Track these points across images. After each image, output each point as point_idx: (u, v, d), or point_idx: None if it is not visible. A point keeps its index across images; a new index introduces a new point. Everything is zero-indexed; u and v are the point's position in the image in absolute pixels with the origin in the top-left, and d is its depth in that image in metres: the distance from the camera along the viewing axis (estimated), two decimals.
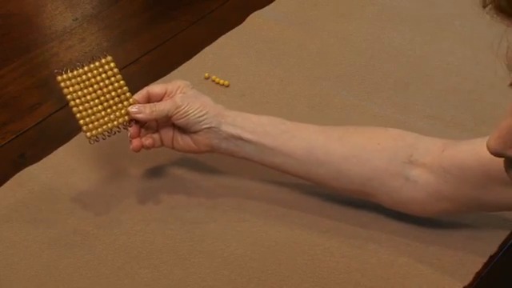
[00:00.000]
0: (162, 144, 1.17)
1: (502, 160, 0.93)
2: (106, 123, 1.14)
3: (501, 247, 1.12)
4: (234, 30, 1.54)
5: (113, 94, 1.15)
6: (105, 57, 1.16)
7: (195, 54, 1.48)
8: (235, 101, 1.37)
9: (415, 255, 1.11)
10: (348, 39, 1.53)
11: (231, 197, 1.20)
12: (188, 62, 1.47)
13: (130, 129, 1.15)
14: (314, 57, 1.49)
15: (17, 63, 1.48)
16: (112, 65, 1.15)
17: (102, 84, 1.14)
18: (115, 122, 1.14)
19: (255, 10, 1.59)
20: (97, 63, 1.15)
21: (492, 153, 0.74)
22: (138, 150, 1.15)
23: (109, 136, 1.14)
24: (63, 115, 1.34)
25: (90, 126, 1.13)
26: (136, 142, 1.15)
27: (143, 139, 1.15)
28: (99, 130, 1.13)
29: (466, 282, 1.07)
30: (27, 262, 1.11)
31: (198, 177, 1.24)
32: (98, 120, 1.13)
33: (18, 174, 1.24)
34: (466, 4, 1.61)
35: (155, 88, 1.16)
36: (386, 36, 1.54)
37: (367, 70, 1.45)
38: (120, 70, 1.16)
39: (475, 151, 1.03)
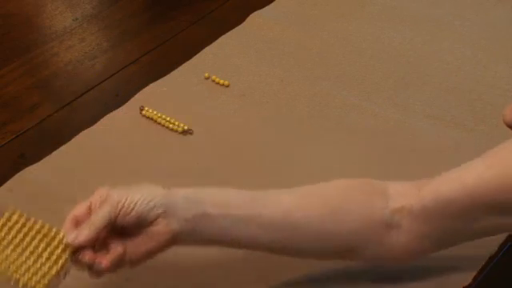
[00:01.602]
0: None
1: (486, 185, 0.93)
2: (49, 269, 0.96)
3: (501, 247, 1.12)
4: (234, 30, 1.54)
5: (38, 238, 0.97)
6: (6, 210, 0.98)
7: (195, 54, 1.48)
8: (235, 101, 1.37)
9: None
10: (348, 39, 1.53)
11: None
12: (188, 62, 1.47)
13: (82, 257, 0.97)
14: (314, 57, 1.48)
15: (17, 63, 1.48)
16: (18, 213, 0.98)
17: (20, 236, 0.97)
18: (60, 262, 0.96)
19: (255, 9, 1.59)
20: (3, 219, 0.98)
21: (509, 125, 0.73)
22: (113, 269, 0.98)
23: (63, 278, 0.97)
24: (63, 115, 1.35)
25: (33, 281, 0.95)
26: (105, 262, 0.97)
27: (109, 255, 0.97)
28: (46, 279, 0.95)
29: (466, 282, 1.07)
30: None
31: None
32: (39, 271, 0.95)
33: (18, 174, 1.24)
34: (466, 4, 1.62)
35: (78, 208, 0.99)
36: (385, 36, 1.53)
37: (367, 69, 1.45)
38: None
39: (457, 182, 0.99)
